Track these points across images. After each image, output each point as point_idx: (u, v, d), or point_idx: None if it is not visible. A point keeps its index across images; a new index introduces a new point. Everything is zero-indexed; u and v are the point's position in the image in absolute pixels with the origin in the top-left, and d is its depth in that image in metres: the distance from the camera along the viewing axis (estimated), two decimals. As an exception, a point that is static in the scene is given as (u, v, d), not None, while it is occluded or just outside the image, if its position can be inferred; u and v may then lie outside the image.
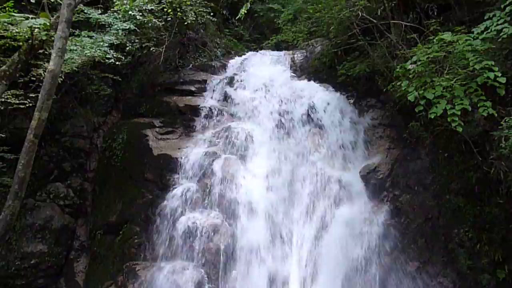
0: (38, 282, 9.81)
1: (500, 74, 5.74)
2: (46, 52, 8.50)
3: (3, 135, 8.84)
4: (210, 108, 10.41)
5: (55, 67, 6.71)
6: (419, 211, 7.43)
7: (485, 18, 6.34)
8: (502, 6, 6.16)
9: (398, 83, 6.63)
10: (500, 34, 5.99)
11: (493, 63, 5.81)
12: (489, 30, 6.13)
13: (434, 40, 6.46)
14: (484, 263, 6.60)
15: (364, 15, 8.64)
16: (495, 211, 6.50)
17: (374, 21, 8.59)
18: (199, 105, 10.50)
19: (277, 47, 12.90)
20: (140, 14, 10.59)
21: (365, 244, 7.57)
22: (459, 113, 5.85)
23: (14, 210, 6.66)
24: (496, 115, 5.95)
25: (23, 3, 8.59)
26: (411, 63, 6.49)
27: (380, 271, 7.35)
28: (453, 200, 7.00)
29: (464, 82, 6.01)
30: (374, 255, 7.46)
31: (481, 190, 6.66)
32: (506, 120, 5.93)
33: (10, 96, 8.68)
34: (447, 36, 6.25)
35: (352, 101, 9.62)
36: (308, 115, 9.62)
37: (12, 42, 8.30)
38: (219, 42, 13.05)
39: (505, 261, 6.37)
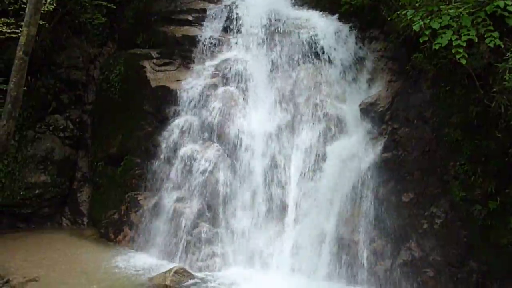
0: (43, 211, 10.15)
1: (510, 3, 5.51)
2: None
3: (-3, 66, 8.69)
4: (208, 38, 10.08)
5: (40, -22, 6.38)
6: (417, 144, 7.47)
7: None
8: None
9: (404, 12, 6.39)
10: (515, -41, 5.66)
11: (504, -10, 5.57)
12: (503, -46, 5.78)
13: (444, -35, 6.12)
14: (477, 195, 6.75)
15: None
16: (492, 144, 6.53)
17: None
18: (197, 36, 10.18)
19: (278, -27, 12.23)
20: None
21: (362, 175, 7.70)
22: (464, 44, 5.70)
23: (10, 130, 6.67)
24: (502, 46, 5.79)
25: None
26: (418, -10, 6.22)
27: (375, 201, 7.55)
28: (451, 133, 7.01)
29: (473, 11, 5.78)
30: (370, 186, 7.63)
31: (480, 124, 6.65)
32: (512, 52, 5.77)
33: (1, 25, 8.44)
34: (458, -40, 5.92)
35: (355, 32, 9.31)
36: (309, 45, 9.34)
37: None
38: (218, -32, 12.36)
39: (498, 193, 6.52)
